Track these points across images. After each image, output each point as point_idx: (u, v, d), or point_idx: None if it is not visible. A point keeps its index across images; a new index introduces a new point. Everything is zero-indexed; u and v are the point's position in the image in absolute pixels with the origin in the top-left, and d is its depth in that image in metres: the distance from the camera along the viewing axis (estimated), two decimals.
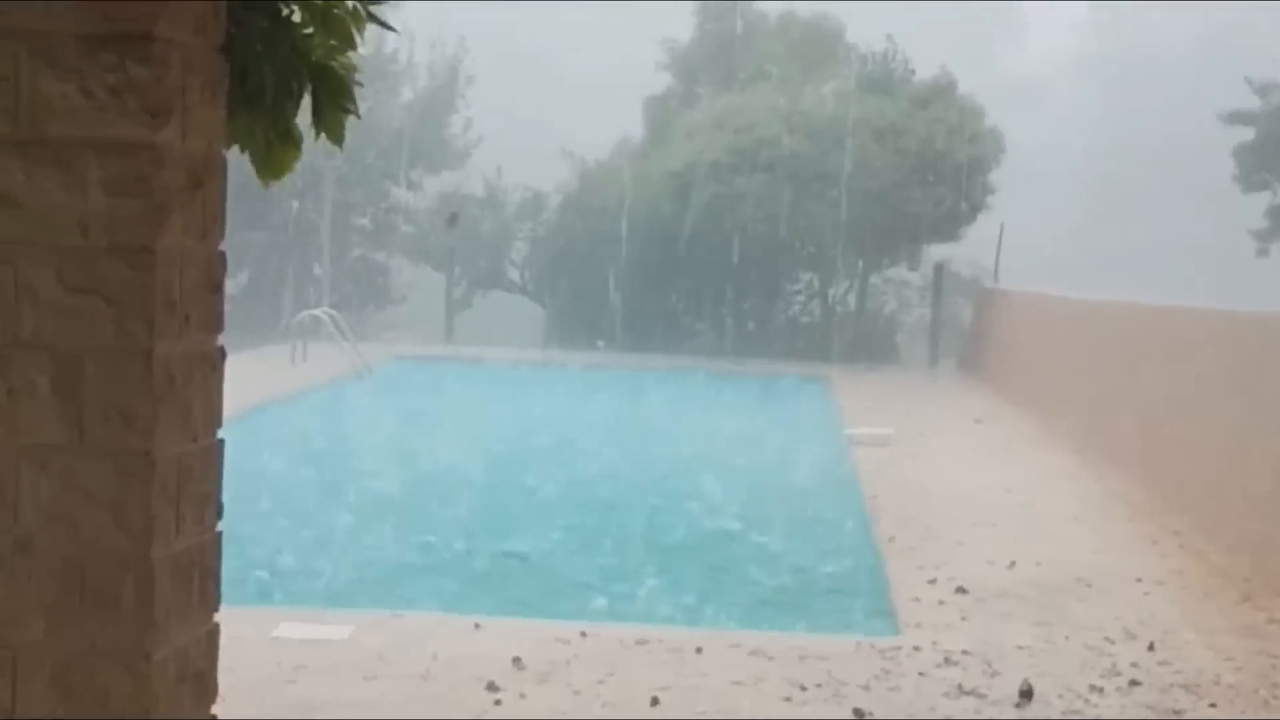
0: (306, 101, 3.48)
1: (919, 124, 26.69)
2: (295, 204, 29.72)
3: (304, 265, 30.17)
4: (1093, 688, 7.17)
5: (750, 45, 30.28)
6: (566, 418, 18.36)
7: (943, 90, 27.67)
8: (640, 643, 7.60)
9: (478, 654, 7.24)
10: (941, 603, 8.81)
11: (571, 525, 12.13)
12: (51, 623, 3.07)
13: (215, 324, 3.28)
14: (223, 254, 3.30)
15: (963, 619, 8.46)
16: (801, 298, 29.83)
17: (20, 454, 3.03)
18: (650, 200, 27.68)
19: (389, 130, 30.64)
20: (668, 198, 27.33)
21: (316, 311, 23.19)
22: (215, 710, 3.37)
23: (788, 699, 6.81)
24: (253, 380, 18.52)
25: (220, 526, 3.33)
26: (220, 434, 3.33)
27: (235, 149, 3.48)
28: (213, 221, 3.24)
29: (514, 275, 31.84)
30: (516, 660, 7.09)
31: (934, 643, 7.85)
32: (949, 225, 27.54)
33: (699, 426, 17.83)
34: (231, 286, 27.97)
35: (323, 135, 3.49)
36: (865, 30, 29.39)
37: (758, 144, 26.50)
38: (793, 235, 27.08)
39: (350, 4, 3.37)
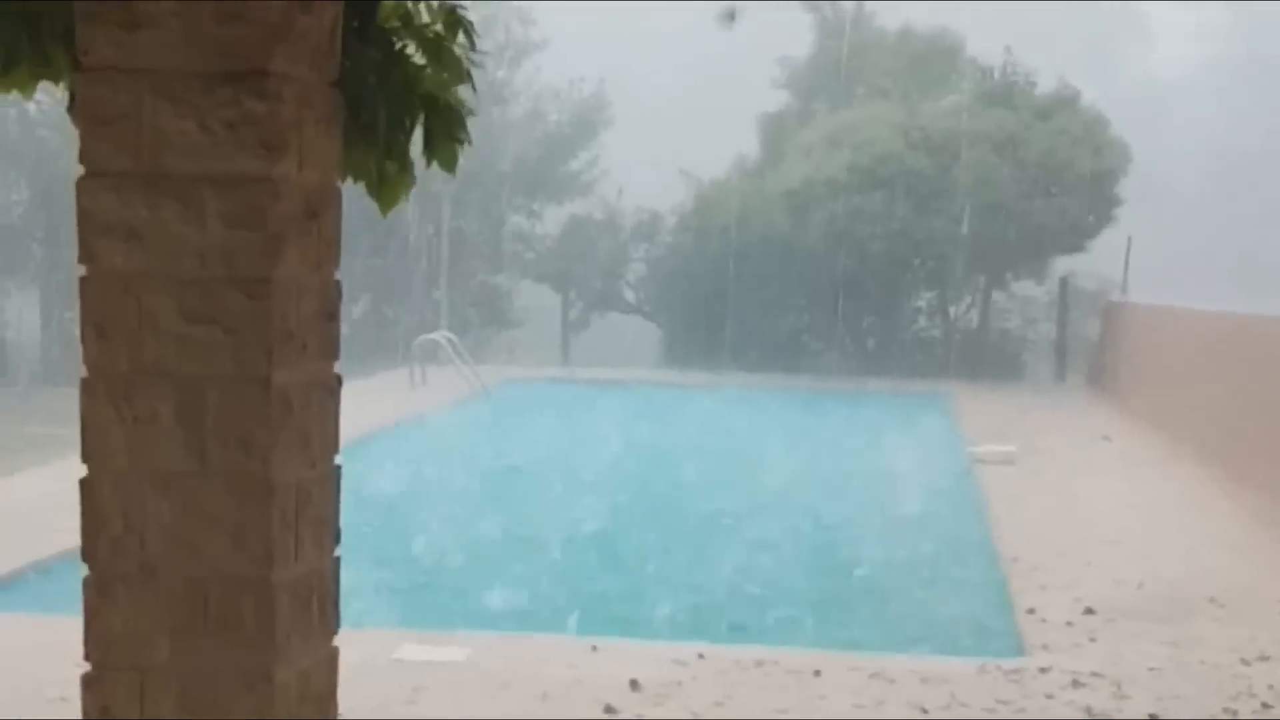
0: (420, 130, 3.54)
1: (1041, 136, 26.32)
2: (414, 230, 30.11)
3: (423, 290, 30.54)
4: (1226, 710, 7.00)
5: (868, 61, 30.11)
6: (688, 439, 18.34)
7: (1065, 101, 27.27)
8: (758, 664, 7.56)
9: (595, 676, 7.26)
10: (1069, 623, 8.65)
11: (692, 540, 12.11)
12: (177, 644, 3.14)
13: (332, 352, 3.34)
14: (338, 283, 3.36)
15: (1091, 640, 8.30)
16: (922, 315, 29.53)
17: (145, 480, 3.11)
18: (767, 219, 27.62)
19: (511, 160, 30.99)
20: (784, 216, 27.24)
21: (435, 335, 23.44)
22: None
23: None
24: (374, 405, 18.82)
25: (338, 551, 3.39)
26: (341, 459, 3.38)
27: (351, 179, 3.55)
28: (328, 251, 3.30)
29: (630, 296, 31.93)
30: (634, 682, 7.09)
31: (1061, 664, 7.71)
32: (1074, 238, 27.08)
33: (820, 446, 17.73)
34: (353, 312, 28.62)
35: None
36: (985, 43, 29.07)
37: (875, 160, 26.31)
38: (912, 251, 26.84)
39: (464, 40, 3.42)
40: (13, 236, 28.76)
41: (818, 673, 7.45)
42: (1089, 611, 8.90)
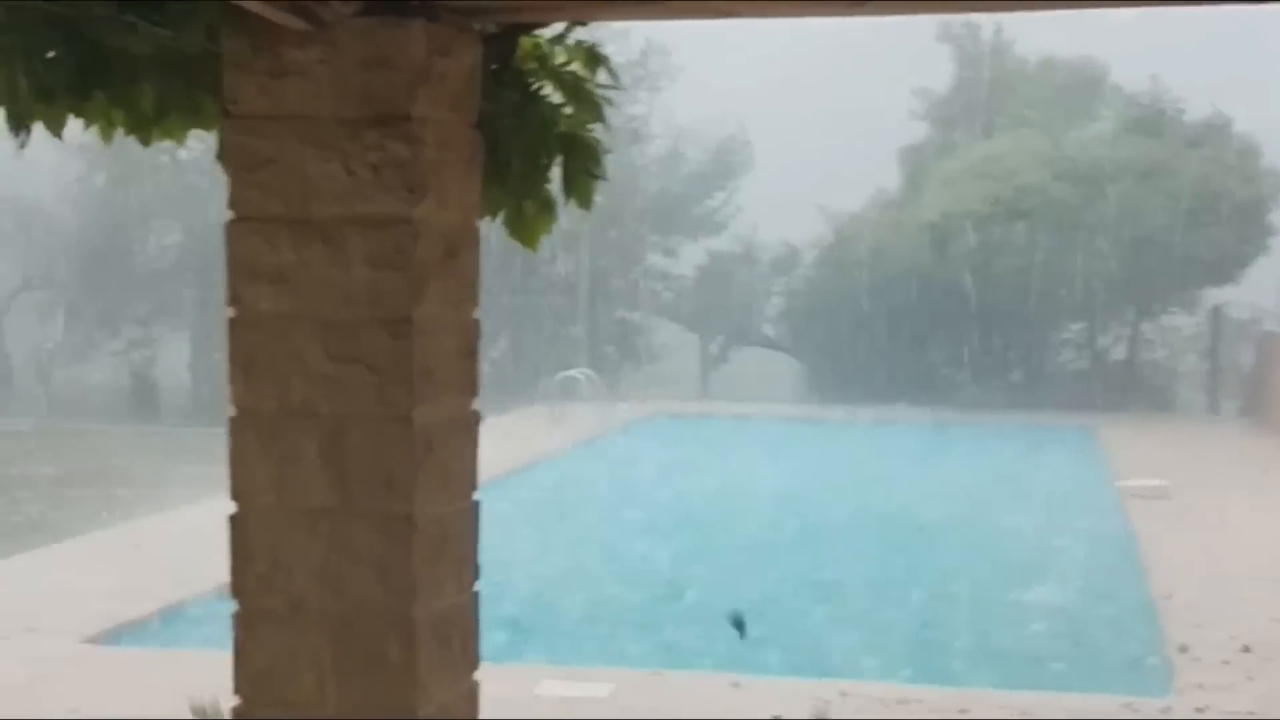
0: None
1: (1190, 164, 25.75)
2: (552, 268, 30.38)
3: (562, 328, 30.78)
4: None
5: (1009, 91, 29.75)
6: (831, 474, 18.21)
7: (1216, 128, 26.67)
8: (901, 703, 7.47)
9: (736, 713, 7.22)
10: (1225, 662, 8.41)
11: (838, 578, 12.03)
12: (323, 679, 3.19)
13: (471, 389, 3.38)
14: (477, 321, 3.41)
15: (1247, 679, 8.06)
16: (1069, 346, 29.00)
17: (291, 517, 3.18)
18: (907, 251, 27.37)
19: (649, 197, 31.18)
20: (925, 248, 26.97)
21: (574, 372, 23.60)
22: None
23: None
24: (513, 442, 18.95)
25: (478, 586, 3.42)
26: (480, 496, 3.42)
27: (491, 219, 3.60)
28: (468, 290, 3.35)
29: (769, 330, 31.85)
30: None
31: (1216, 704, 7.50)
32: (1226, 268, 26.43)
33: (966, 481, 17.48)
34: (492, 350, 28.89)
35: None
36: (1130, 70, 28.57)
37: (1018, 191, 25.96)
38: (1057, 283, 26.39)
39: (603, 76, 3.45)
40: (165, 281, 29.61)
41: (964, 711, 7.32)
42: (1245, 650, 8.65)
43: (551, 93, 3.44)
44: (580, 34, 3.44)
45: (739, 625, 8.19)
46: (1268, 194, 26.18)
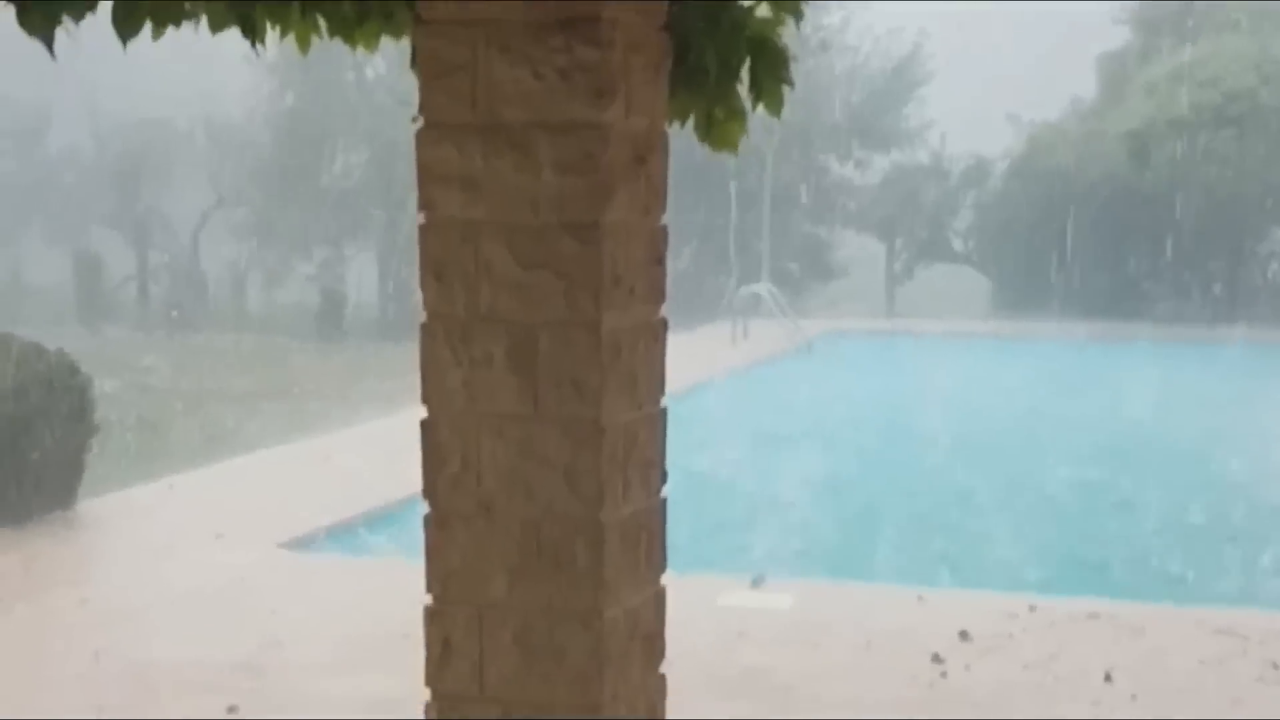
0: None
1: None
2: (735, 182, 30.19)
3: (745, 243, 30.61)
4: None
5: None
6: (1031, 392, 17.81)
7: None
8: (1091, 617, 7.34)
9: (921, 626, 7.19)
10: None
11: (1051, 501, 11.82)
12: (513, 581, 3.24)
13: (658, 296, 3.37)
14: (664, 228, 3.39)
15: None
16: (1275, 259, 27.95)
17: (481, 421, 3.21)
18: (1104, 162, 26.58)
19: (835, 109, 30.74)
20: (1124, 158, 26.16)
21: (757, 288, 23.48)
22: (668, 674, 3.48)
23: (1261, 679, 6.42)
24: (697, 358, 18.97)
25: (665, 492, 3.44)
26: (665, 404, 3.43)
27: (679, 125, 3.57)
28: (655, 197, 3.33)
29: (958, 245, 31.28)
30: (963, 633, 6.98)
31: None
32: None
33: (1179, 399, 16.94)
34: (674, 267, 28.85)
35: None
36: None
37: (1226, 97, 24.99)
38: (1265, 192, 25.39)
39: None
40: (352, 200, 30.20)
41: (1157, 625, 7.18)
42: None
43: None
44: None
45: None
46: None
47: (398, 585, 6.10)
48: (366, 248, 30.69)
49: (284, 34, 3.27)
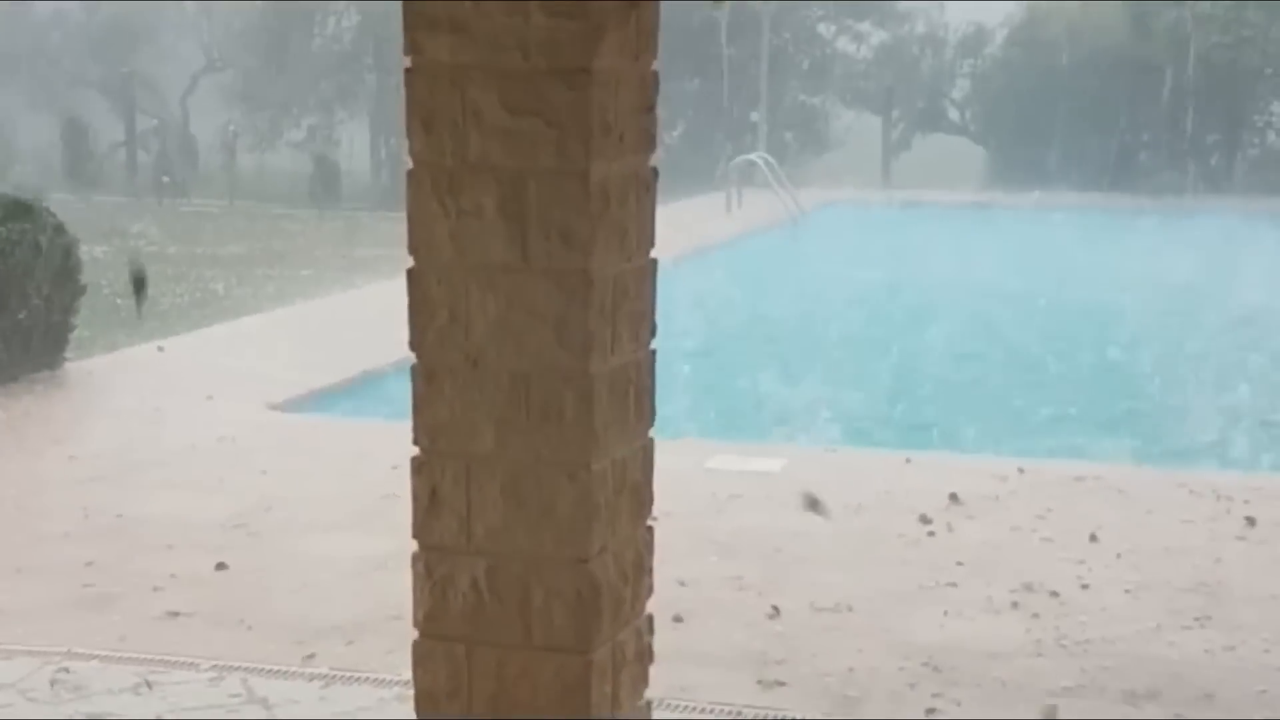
0: None
1: None
2: (730, 50, 29.82)
3: (740, 112, 30.30)
4: None
5: None
6: (1014, 262, 17.77)
7: None
8: (1078, 479, 7.39)
9: (911, 488, 7.23)
10: None
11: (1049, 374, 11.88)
12: (501, 433, 3.23)
13: (649, 145, 3.32)
14: (655, 74, 3.32)
15: None
16: (1272, 130, 27.76)
17: (469, 272, 3.18)
18: (1102, 30, 26.27)
19: None
20: (1123, 26, 25.85)
21: (752, 156, 23.30)
22: (657, 534, 3.48)
23: (1242, 538, 6.48)
24: (690, 227, 18.89)
25: (654, 345, 3.41)
26: (655, 256, 3.39)
27: None
28: (646, 42, 3.26)
29: (954, 115, 31.01)
30: (952, 495, 7.03)
31: None
32: None
33: (1168, 267, 16.94)
34: (670, 136, 28.73)
35: None
36: None
37: None
38: (1263, 61, 25.10)
39: None
40: (344, 64, 29.83)
41: (1144, 487, 7.25)
42: None
43: None
44: None
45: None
46: None
47: (388, 446, 6.12)
48: (359, 113, 30.40)
49: None
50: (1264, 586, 5.90)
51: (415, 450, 3.26)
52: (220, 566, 6.06)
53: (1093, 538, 6.44)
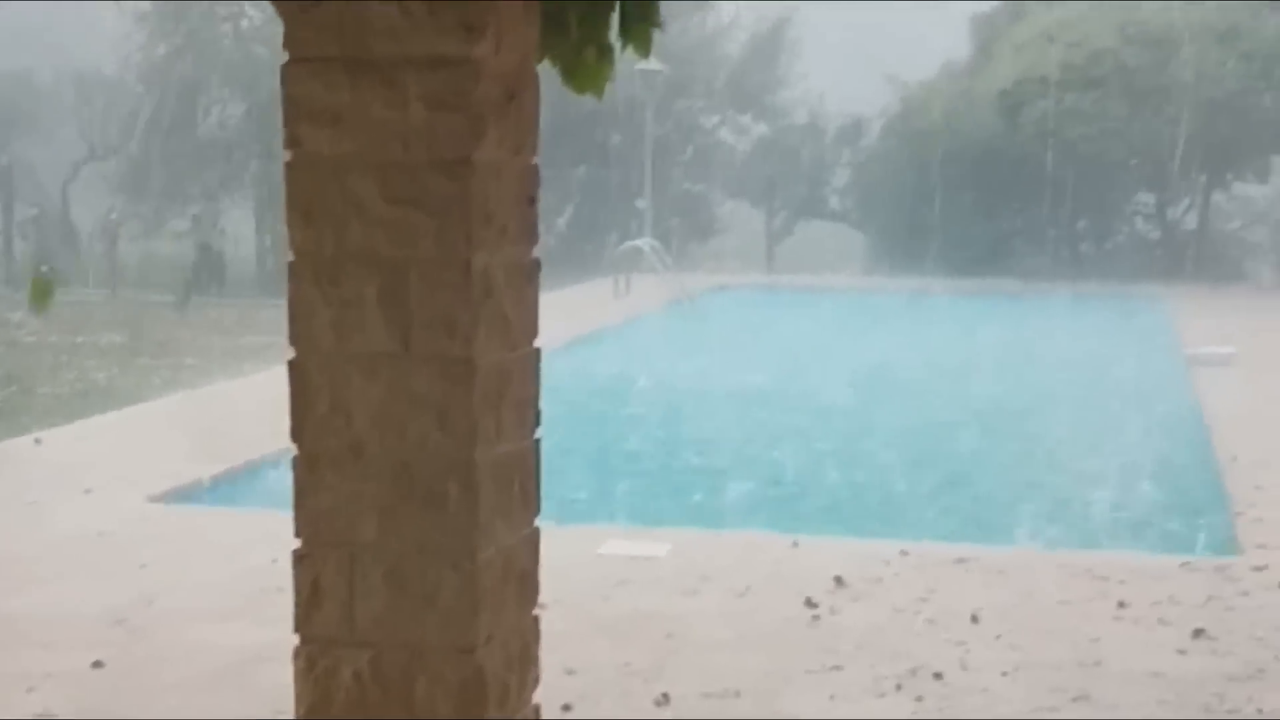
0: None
1: (1266, 25, 25.09)
2: (616, 138, 30.18)
3: (627, 199, 30.63)
4: None
5: None
6: (897, 343, 18.09)
7: None
8: (960, 561, 7.49)
9: (798, 571, 7.28)
10: None
11: (911, 443, 12.03)
12: (384, 522, 3.21)
13: (531, 235, 3.36)
14: (536, 167, 3.37)
15: None
16: (1139, 216, 28.61)
17: (351, 361, 3.18)
18: (976, 121, 26.98)
19: (713, 68, 30.84)
20: (995, 117, 26.57)
21: (639, 243, 23.50)
22: (545, 620, 3.48)
23: (1118, 618, 6.61)
24: (579, 312, 19.03)
25: (539, 433, 3.43)
26: (540, 345, 3.41)
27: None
28: (527, 135, 3.31)
29: (835, 203, 31.57)
30: (838, 578, 7.08)
31: (1277, 563, 7.47)
32: None
33: (1033, 349, 17.37)
34: (556, 222, 28.91)
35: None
36: None
37: (1090, 57, 25.43)
38: (1129, 151, 25.93)
39: None
40: (229, 151, 29.69)
41: (1023, 569, 7.35)
42: None
43: None
44: None
45: None
46: None
47: (271, 536, 6.05)
48: (244, 200, 30.24)
49: None
50: (1139, 664, 6.02)
51: (297, 542, 3.23)
52: (97, 664, 5.92)
53: (974, 619, 6.52)
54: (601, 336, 18.18)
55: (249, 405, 11.82)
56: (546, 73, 3.49)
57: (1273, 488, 9.28)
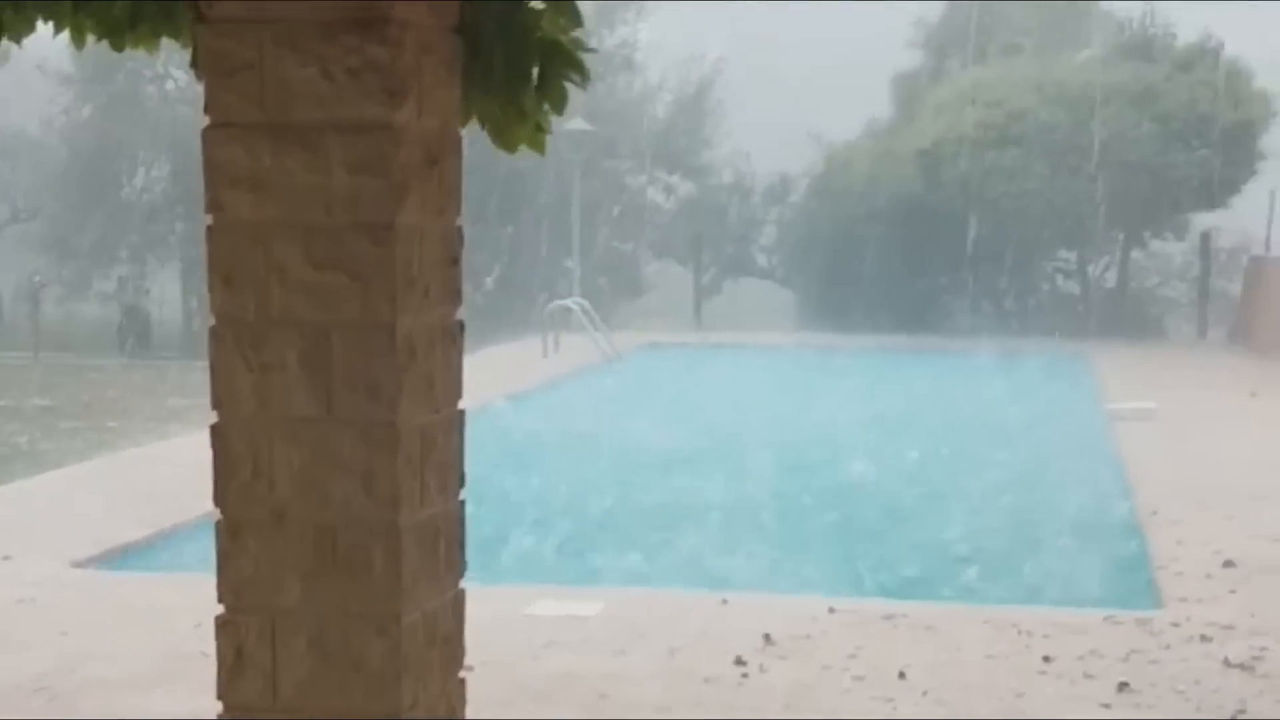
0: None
1: (1180, 88, 25.64)
2: (545, 198, 30.32)
3: (555, 258, 30.74)
4: None
5: (1000, 18, 29.62)
6: (825, 399, 18.21)
7: (1207, 52, 26.52)
8: (888, 618, 7.53)
9: (727, 630, 7.29)
10: (1208, 576, 8.50)
11: (835, 498, 12.09)
12: (307, 587, 3.21)
13: (454, 297, 3.38)
14: (460, 229, 3.40)
15: (1230, 592, 8.15)
16: (1060, 274, 29.05)
17: (273, 426, 3.18)
18: (899, 179, 27.32)
19: (640, 126, 31.11)
20: (917, 176, 26.93)
21: (567, 302, 23.55)
22: (474, 682, 3.47)
23: (1043, 672, 6.67)
24: (507, 371, 19.03)
25: (464, 495, 3.43)
26: (465, 408, 3.42)
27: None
28: (450, 197, 3.33)
29: (762, 260, 31.82)
30: (766, 636, 7.10)
31: (1198, 616, 7.58)
32: (1215, 193, 26.37)
33: (957, 404, 17.55)
34: (486, 282, 28.81)
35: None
36: None
37: (1009, 117, 25.86)
38: (1049, 209, 26.34)
39: None
40: (154, 213, 29.52)
41: (951, 625, 7.40)
42: (1229, 564, 8.73)
43: None
44: None
45: None
46: (1257, 117, 26.08)
47: (195, 601, 5.98)
48: (170, 262, 30.03)
49: (56, 32, 3.19)
50: (1064, 718, 6.06)
51: (220, 608, 3.22)
52: None
53: (901, 675, 6.55)
54: (530, 395, 18.17)
55: (175, 468, 11.69)
56: (476, 132, 3.53)
57: (1193, 542, 9.40)
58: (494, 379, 17.20)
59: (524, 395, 17.88)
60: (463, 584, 3.44)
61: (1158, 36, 26.98)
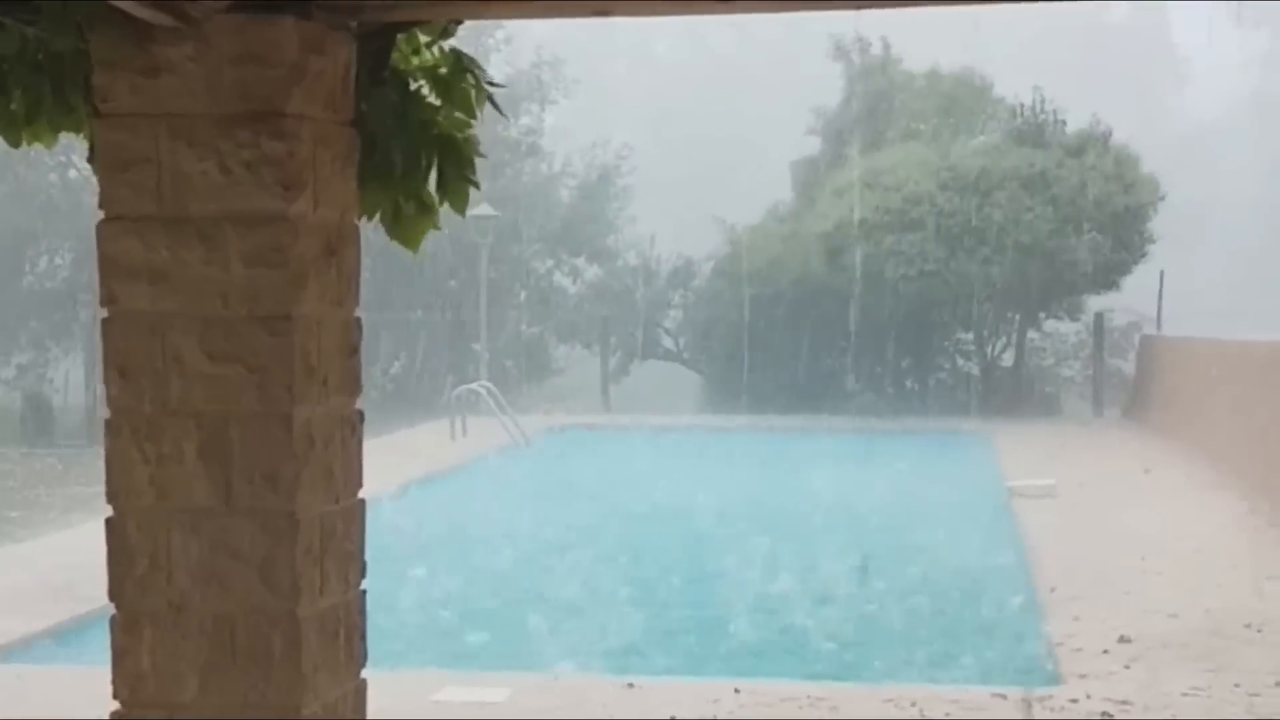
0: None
1: (1071, 173, 26.28)
2: (452, 283, 30.33)
3: (462, 342, 30.70)
4: None
5: (897, 104, 30.24)
6: (729, 480, 18.30)
7: (1096, 138, 27.22)
8: (790, 699, 7.57)
9: (633, 714, 7.27)
10: (1105, 652, 8.62)
11: (736, 576, 12.12)
12: (205, 680, 3.18)
13: (353, 387, 3.40)
14: (358, 319, 3.42)
15: (1126, 667, 8.27)
16: (959, 354, 29.51)
17: (171, 517, 3.17)
18: (801, 262, 27.68)
19: (545, 212, 31.29)
20: (819, 259, 27.30)
21: (474, 386, 23.53)
22: None
23: None
24: (415, 455, 18.96)
25: (365, 585, 3.43)
26: (368, 497, 3.43)
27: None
28: (348, 288, 3.36)
29: (668, 343, 32.01)
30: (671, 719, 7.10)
31: (1096, 692, 7.68)
32: (1107, 275, 26.98)
33: (860, 484, 17.70)
34: (394, 365, 28.60)
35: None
36: (1014, 82, 29.17)
37: (907, 201, 26.33)
38: (946, 291, 26.80)
39: (472, 80, 3.48)
40: (58, 301, 29.12)
41: (852, 704, 7.44)
42: (1124, 640, 8.87)
43: (429, 93, 3.47)
44: (461, 33, 3.47)
45: None
46: (1146, 201, 26.77)
47: (95, 695, 5.86)
48: (73, 349, 29.60)
49: None
50: None
51: (115, 704, 3.18)
52: None
53: None
54: (436, 479, 18.10)
55: (76, 557, 11.46)
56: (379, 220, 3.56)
57: (1090, 619, 9.54)
58: (401, 463, 17.14)
59: (429, 478, 17.84)
60: (364, 673, 3.43)
61: (1049, 123, 27.65)
